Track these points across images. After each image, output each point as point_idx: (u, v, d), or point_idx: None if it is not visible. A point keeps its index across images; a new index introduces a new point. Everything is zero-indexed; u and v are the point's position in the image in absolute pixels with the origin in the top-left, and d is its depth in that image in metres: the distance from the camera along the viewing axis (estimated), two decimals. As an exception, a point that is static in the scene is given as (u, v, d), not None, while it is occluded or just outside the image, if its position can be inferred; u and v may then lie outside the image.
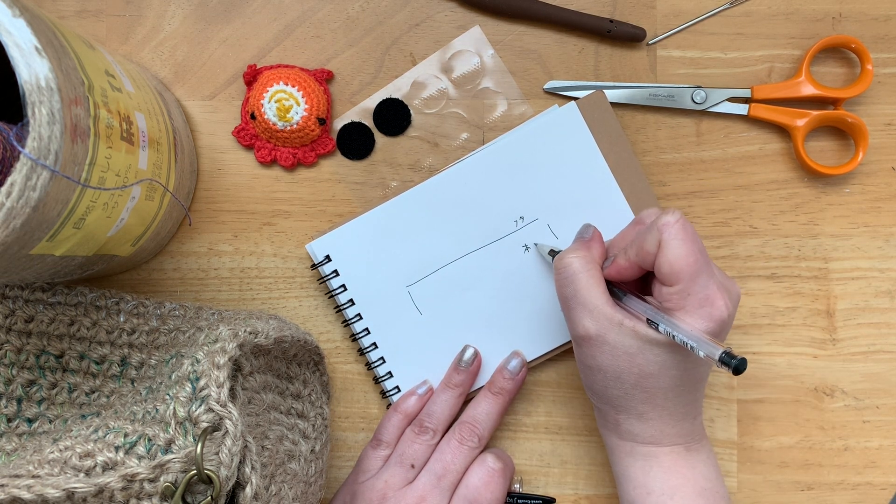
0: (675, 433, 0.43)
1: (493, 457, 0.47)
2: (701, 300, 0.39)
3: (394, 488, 0.46)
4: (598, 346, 0.42)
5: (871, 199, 0.51)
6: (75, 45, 0.35)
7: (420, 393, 0.50)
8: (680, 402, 0.42)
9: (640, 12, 0.51)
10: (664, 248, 0.40)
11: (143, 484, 0.32)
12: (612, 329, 0.41)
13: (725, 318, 0.40)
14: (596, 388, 0.43)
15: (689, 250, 0.40)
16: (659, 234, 0.40)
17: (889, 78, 0.51)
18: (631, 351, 0.41)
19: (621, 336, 0.41)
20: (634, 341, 0.41)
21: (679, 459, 0.43)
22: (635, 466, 0.43)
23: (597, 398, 0.44)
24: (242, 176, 0.52)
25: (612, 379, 0.42)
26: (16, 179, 0.29)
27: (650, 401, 0.42)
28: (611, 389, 0.42)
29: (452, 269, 0.50)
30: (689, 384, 0.42)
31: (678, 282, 0.40)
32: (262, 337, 0.40)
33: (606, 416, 0.44)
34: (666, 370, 0.41)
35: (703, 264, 0.40)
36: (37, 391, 0.45)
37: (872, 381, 0.51)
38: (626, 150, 0.50)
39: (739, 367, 0.36)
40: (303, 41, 0.51)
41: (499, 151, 0.50)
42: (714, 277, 0.40)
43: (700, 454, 0.44)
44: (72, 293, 0.47)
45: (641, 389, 0.41)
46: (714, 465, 0.44)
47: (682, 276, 0.39)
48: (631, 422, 0.43)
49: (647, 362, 0.41)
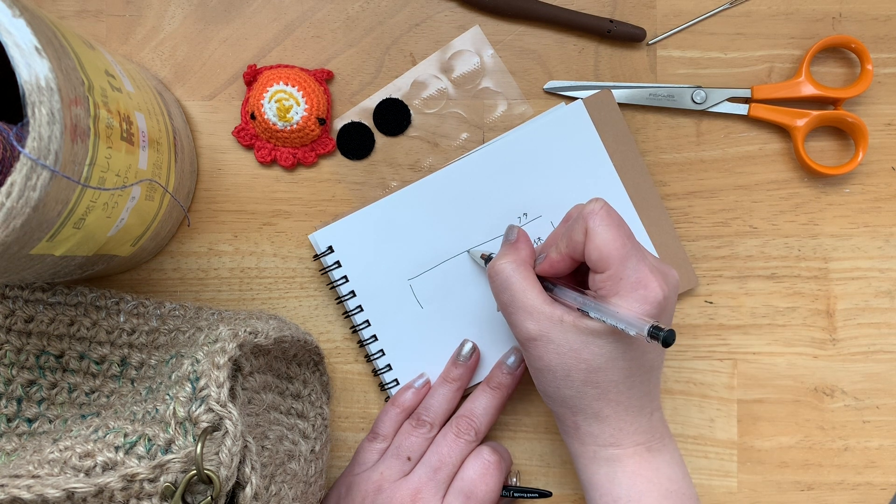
0: (633, 430, 0.43)
1: (489, 449, 0.48)
2: (633, 283, 0.40)
3: (389, 480, 0.47)
4: (544, 346, 0.42)
5: (871, 199, 0.51)
6: (75, 45, 0.35)
7: (417, 386, 0.50)
8: (633, 394, 0.42)
9: (640, 12, 0.51)
10: (591, 235, 0.40)
11: (143, 484, 0.32)
12: (554, 327, 0.41)
13: (661, 300, 0.40)
14: (549, 390, 0.43)
15: (615, 235, 0.40)
16: (584, 223, 0.41)
17: (889, 78, 0.51)
18: (575, 346, 0.41)
19: (564, 333, 0.41)
20: (577, 336, 0.41)
21: (642, 462, 0.43)
22: (600, 473, 0.43)
23: (552, 401, 0.44)
24: (242, 176, 0.52)
25: (561, 378, 0.42)
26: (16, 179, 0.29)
27: (603, 397, 0.42)
28: (562, 389, 0.42)
29: (455, 263, 0.51)
30: (640, 375, 0.42)
31: (608, 267, 0.40)
32: (262, 337, 0.40)
33: (564, 420, 0.44)
34: (613, 361, 0.41)
35: (630, 248, 0.40)
36: (37, 391, 0.45)
37: (872, 381, 0.51)
38: (631, 150, 0.50)
39: (668, 339, 0.36)
40: (303, 41, 0.51)
41: (505, 147, 0.50)
42: (645, 261, 0.41)
43: (663, 454, 0.44)
44: (72, 293, 0.47)
45: (593, 385, 0.42)
46: (679, 465, 0.44)
47: (611, 260, 0.40)
48: (589, 422, 0.43)
49: (594, 355, 0.41)
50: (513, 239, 0.46)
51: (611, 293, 0.40)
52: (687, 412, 0.51)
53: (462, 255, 0.50)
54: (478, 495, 0.46)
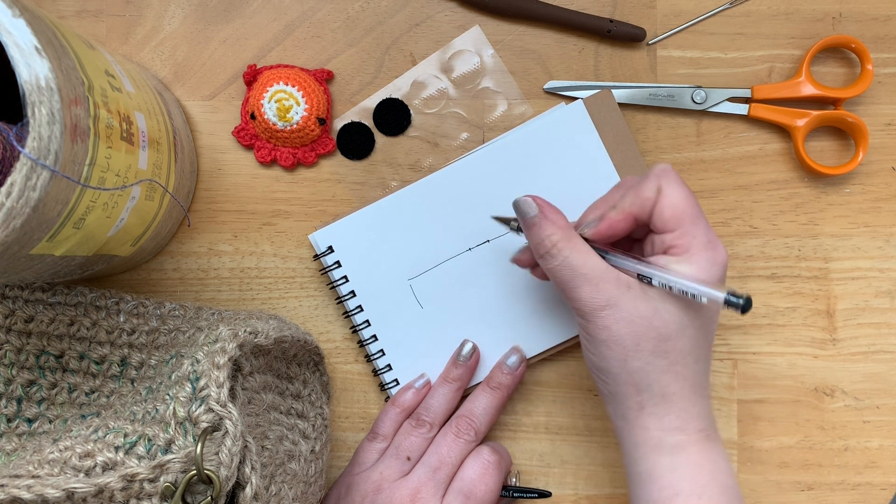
0: (697, 413, 0.41)
1: (489, 449, 0.47)
2: (705, 243, 0.39)
3: (389, 480, 0.47)
4: (612, 315, 0.40)
5: (871, 199, 0.51)
6: (75, 45, 0.35)
7: (417, 387, 0.50)
8: (699, 369, 0.41)
9: (640, 12, 0.51)
10: (665, 191, 0.40)
11: (142, 484, 0.32)
12: (622, 294, 0.40)
13: (725, 263, 0.40)
14: (614, 365, 0.41)
15: (688, 194, 0.40)
16: (657, 180, 0.40)
17: (889, 78, 0.51)
18: (646, 314, 0.39)
19: (633, 300, 0.40)
20: (647, 303, 0.39)
21: (704, 453, 0.41)
22: (661, 464, 0.41)
23: (614, 381, 0.41)
24: (242, 176, 0.52)
25: (631, 349, 0.40)
26: (16, 179, 0.29)
27: (671, 368, 0.40)
28: (630, 361, 0.40)
29: (455, 263, 0.51)
30: (705, 346, 0.41)
31: (681, 225, 0.39)
32: (262, 337, 0.40)
33: (626, 401, 0.42)
34: (683, 330, 0.40)
35: (700, 211, 0.40)
36: (37, 391, 0.45)
37: (872, 381, 0.51)
38: (631, 150, 0.50)
39: (746, 306, 0.36)
40: (303, 41, 0.51)
41: (505, 147, 0.50)
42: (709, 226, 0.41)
43: (718, 446, 0.42)
44: (72, 293, 0.47)
45: (662, 355, 0.40)
46: (727, 458, 0.42)
47: (685, 217, 0.39)
48: (654, 401, 0.41)
49: (665, 323, 0.39)
50: (535, 211, 0.42)
51: (683, 251, 0.39)
52: (687, 412, 0.51)
53: (462, 255, 0.50)
54: (477, 495, 0.46)
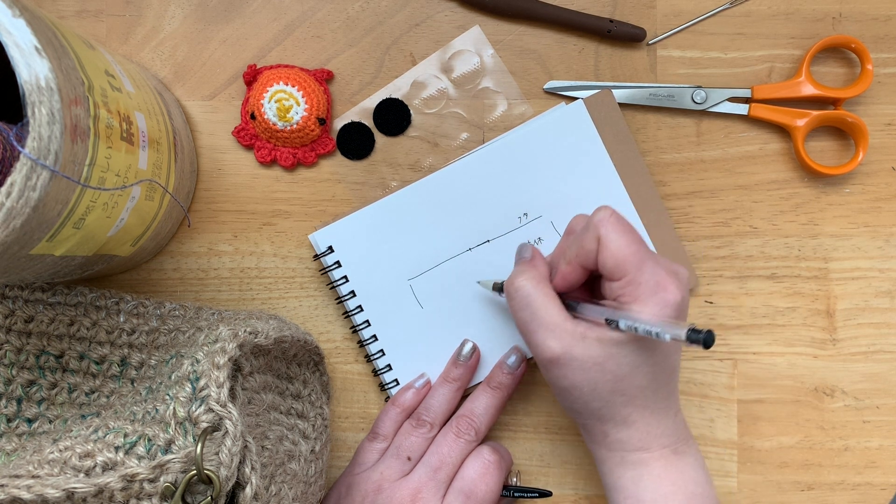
0: (660, 433, 0.43)
1: (489, 449, 0.48)
2: (653, 287, 0.40)
3: (389, 480, 0.47)
4: (567, 365, 0.41)
5: (871, 199, 0.51)
6: (75, 45, 0.35)
7: (417, 387, 0.50)
8: (659, 396, 0.42)
9: (640, 12, 0.51)
10: (604, 242, 0.40)
11: (142, 484, 0.32)
12: (577, 344, 0.41)
13: (680, 301, 0.40)
14: (576, 406, 0.43)
15: (629, 241, 0.40)
16: (596, 231, 0.41)
17: (889, 78, 0.51)
18: (599, 360, 0.41)
19: (587, 349, 0.41)
20: (601, 349, 0.40)
21: (668, 465, 0.43)
22: (626, 477, 0.43)
23: (578, 415, 0.44)
24: (242, 176, 0.52)
25: (588, 393, 0.42)
26: (16, 179, 0.29)
27: (631, 403, 0.42)
28: (591, 403, 0.42)
29: (455, 263, 0.51)
30: (664, 376, 0.42)
31: (625, 273, 0.40)
32: (262, 337, 0.40)
33: (592, 430, 0.44)
34: (638, 368, 0.41)
35: (644, 252, 0.40)
36: (37, 391, 0.45)
37: (872, 381, 0.51)
38: (632, 150, 0.50)
39: (708, 341, 0.36)
40: (303, 41, 0.51)
41: (505, 147, 0.50)
42: (659, 264, 0.40)
43: (688, 457, 0.43)
44: (72, 293, 0.47)
45: (619, 394, 0.41)
46: (702, 468, 0.44)
47: (628, 266, 0.40)
48: (618, 429, 0.43)
49: (619, 366, 0.41)
50: (528, 256, 0.46)
51: (630, 299, 0.40)
52: (687, 412, 0.51)
53: (462, 256, 0.50)
54: (478, 495, 0.46)
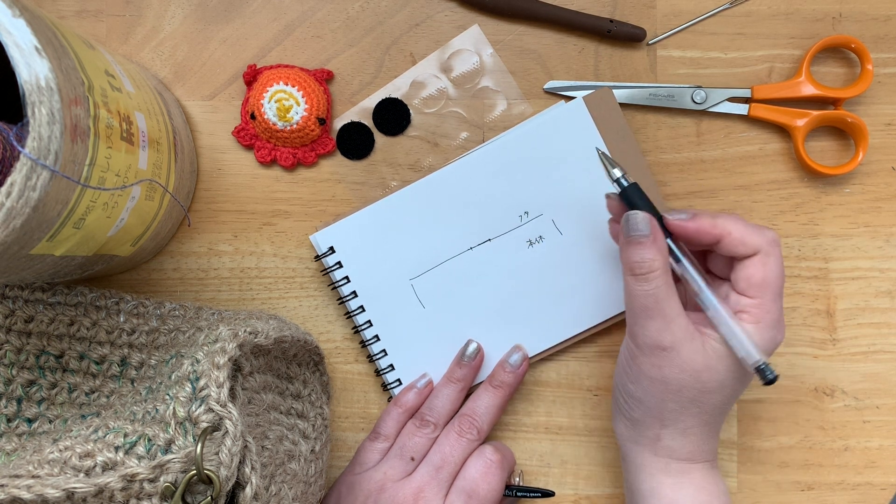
0: (708, 449, 0.43)
1: (492, 448, 0.48)
2: (775, 321, 0.40)
3: (392, 480, 0.47)
4: (669, 359, 0.41)
5: (871, 199, 0.51)
6: (75, 45, 0.35)
7: (419, 387, 0.50)
8: (721, 419, 0.43)
9: (640, 12, 0.51)
10: (766, 258, 0.40)
11: (142, 484, 0.32)
12: (686, 343, 0.40)
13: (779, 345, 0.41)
14: (650, 400, 0.42)
15: (781, 272, 0.41)
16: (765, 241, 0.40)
17: (889, 78, 0.51)
18: (697, 367, 0.40)
19: (692, 350, 0.40)
20: (703, 356, 0.40)
21: (708, 476, 0.43)
22: (667, 483, 0.43)
23: (644, 411, 0.43)
24: (242, 176, 0.52)
25: (672, 392, 0.41)
26: (16, 179, 0.29)
27: (700, 416, 0.42)
28: (668, 402, 0.42)
29: (456, 262, 0.51)
30: (733, 401, 0.43)
31: (762, 296, 0.40)
32: (262, 337, 0.40)
33: (646, 430, 0.43)
34: (724, 388, 0.41)
35: (782, 288, 0.41)
36: (37, 391, 0.45)
37: (872, 381, 0.51)
38: (632, 148, 0.50)
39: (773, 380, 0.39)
40: (303, 41, 0.51)
41: (505, 146, 0.50)
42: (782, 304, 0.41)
43: (719, 474, 0.45)
44: (72, 293, 0.47)
45: (697, 404, 0.41)
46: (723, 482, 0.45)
47: (769, 292, 0.40)
48: (674, 436, 0.43)
49: (711, 378, 0.41)
50: (648, 232, 0.41)
51: (753, 320, 0.40)
52: (687, 412, 0.51)
53: (464, 255, 0.50)
54: (480, 494, 0.46)
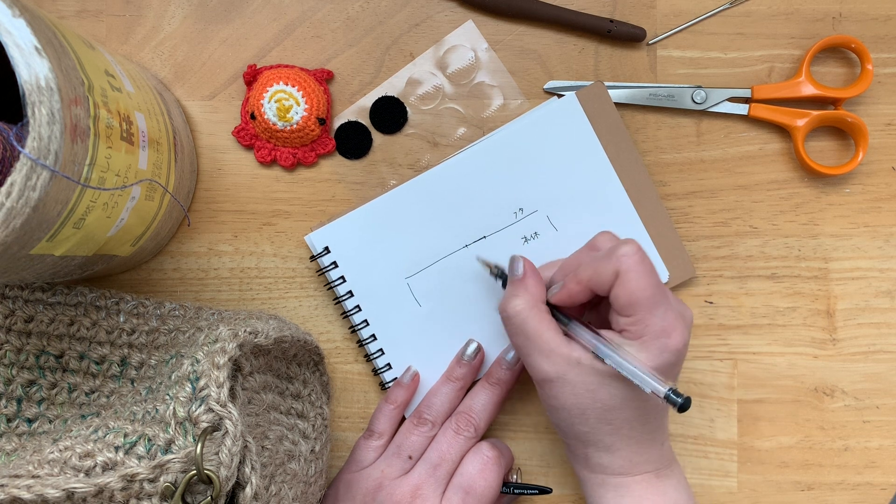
0: (643, 461, 0.43)
1: (489, 445, 0.48)
2: (658, 332, 0.40)
3: (390, 478, 0.47)
4: (560, 387, 0.42)
5: (871, 199, 0.51)
6: (75, 45, 0.35)
7: (406, 382, 0.50)
8: (645, 430, 0.43)
9: (640, 12, 0.51)
10: (623, 278, 0.40)
11: (142, 484, 0.32)
12: (571, 369, 0.41)
13: (681, 348, 0.40)
14: (562, 426, 0.44)
15: (648, 283, 0.40)
16: (617, 264, 0.40)
17: (889, 78, 0.51)
18: (591, 387, 0.41)
19: (581, 374, 0.41)
20: (594, 377, 0.41)
21: (650, 487, 0.43)
22: (607, 497, 0.44)
23: (564, 434, 0.45)
24: (242, 176, 0.52)
25: (576, 416, 0.42)
26: (16, 179, 0.29)
27: (616, 433, 0.42)
28: (577, 426, 0.43)
29: (452, 260, 0.51)
30: (653, 412, 0.43)
31: (635, 313, 0.40)
32: (262, 337, 0.40)
33: (575, 450, 0.45)
34: (628, 402, 0.41)
35: (660, 296, 0.40)
36: (36, 391, 0.45)
37: (872, 381, 0.51)
38: (626, 142, 0.50)
39: (684, 406, 0.37)
40: (303, 41, 0.51)
41: (498, 143, 0.50)
42: (671, 307, 0.41)
43: (670, 479, 0.44)
44: (72, 293, 0.47)
45: (606, 422, 0.42)
46: (685, 489, 0.45)
47: (640, 307, 0.40)
48: (600, 454, 0.43)
49: (609, 396, 0.41)
50: (520, 274, 0.45)
51: (633, 337, 0.40)
52: (688, 412, 0.51)
53: (459, 252, 0.50)
54: (477, 491, 0.46)
